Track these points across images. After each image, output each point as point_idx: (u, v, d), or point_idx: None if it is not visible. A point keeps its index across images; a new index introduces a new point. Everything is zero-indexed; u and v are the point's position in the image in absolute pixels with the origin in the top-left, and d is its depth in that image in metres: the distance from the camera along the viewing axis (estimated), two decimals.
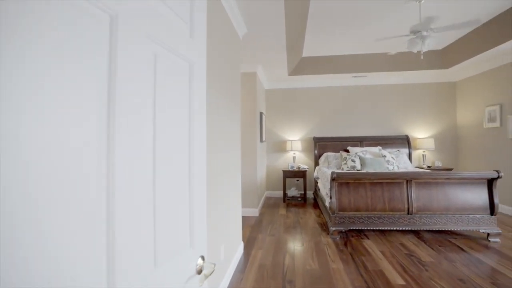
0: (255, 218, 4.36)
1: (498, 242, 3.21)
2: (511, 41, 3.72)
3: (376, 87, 5.73)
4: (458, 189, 3.28)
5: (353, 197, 3.36)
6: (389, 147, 5.47)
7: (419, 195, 3.29)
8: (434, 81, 5.64)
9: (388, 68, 5.06)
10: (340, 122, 5.79)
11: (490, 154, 4.67)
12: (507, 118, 4.31)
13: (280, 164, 5.94)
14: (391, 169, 4.60)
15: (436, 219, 3.26)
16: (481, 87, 4.87)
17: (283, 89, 5.96)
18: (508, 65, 4.28)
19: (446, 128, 5.64)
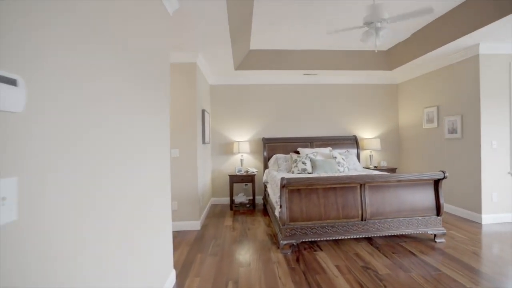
0: (196, 232, 3.72)
1: (443, 242, 3.17)
2: (447, 45, 3.81)
3: (326, 86, 5.59)
4: (409, 191, 3.15)
5: (305, 205, 2.98)
6: (339, 147, 5.37)
7: (372, 200, 3.08)
8: (380, 83, 5.74)
9: (338, 67, 4.92)
10: (291, 122, 5.50)
11: (429, 154, 4.85)
12: (443, 119, 4.48)
13: (226, 168, 5.39)
14: (342, 171, 4.42)
15: (389, 224, 3.08)
16: (420, 89, 5.05)
17: (230, 85, 5.43)
18: (444, 69, 4.45)
19: (390, 129, 5.78)
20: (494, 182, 3.88)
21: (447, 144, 4.43)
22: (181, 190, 3.80)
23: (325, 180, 2.93)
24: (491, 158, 3.87)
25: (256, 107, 5.45)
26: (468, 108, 4.03)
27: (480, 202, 3.87)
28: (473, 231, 3.56)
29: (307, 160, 4.44)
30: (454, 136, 4.25)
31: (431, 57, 4.31)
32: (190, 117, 3.85)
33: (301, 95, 5.53)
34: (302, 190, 2.99)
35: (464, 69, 4.08)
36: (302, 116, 5.52)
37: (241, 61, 4.73)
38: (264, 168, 5.19)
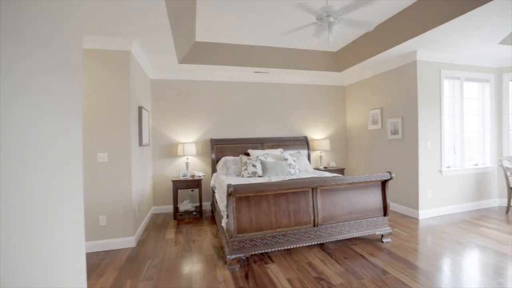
0: (130, 250, 3.16)
1: (389, 242, 3.21)
2: (389, 50, 3.94)
3: (278, 85, 5.44)
4: (358, 193, 3.11)
5: (255, 214, 2.70)
6: (291, 148, 5.26)
7: (324, 204, 2.94)
8: (329, 84, 5.82)
9: (289, 65, 4.79)
10: (241, 122, 5.21)
11: (374, 154, 5.04)
12: (386, 121, 4.67)
13: (170, 172, 4.84)
14: (293, 173, 4.28)
15: (340, 228, 2.99)
16: (366, 92, 5.23)
17: (175, 80, 4.90)
18: (387, 73, 4.65)
19: (339, 130, 5.91)
20: (429, 179, 4.15)
21: (390, 144, 4.63)
22: (111, 201, 3.19)
23: (276, 186, 2.69)
24: (426, 158, 4.13)
25: (203, 106, 5.02)
26: (408, 111, 4.24)
27: (417, 198, 4.10)
28: (412, 227, 3.72)
29: (257, 163, 4.20)
30: (396, 137, 4.45)
31: (376, 61, 4.45)
32: (122, 115, 3.27)
33: (252, 94, 5.29)
34: (251, 198, 2.70)
35: (404, 73, 4.29)
36: (253, 116, 5.27)
37: (185, 53, 4.26)
38: (212, 171, 4.80)
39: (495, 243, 3.12)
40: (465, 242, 3.16)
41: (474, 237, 3.33)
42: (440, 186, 4.24)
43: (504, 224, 3.78)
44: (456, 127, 4.44)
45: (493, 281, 2.29)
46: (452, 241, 3.19)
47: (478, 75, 4.55)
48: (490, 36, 3.56)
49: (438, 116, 4.21)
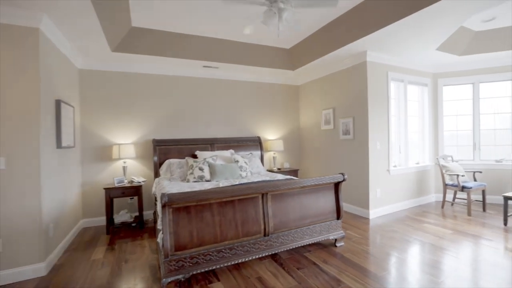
0: (38, 281, 2.50)
1: (343, 246, 3.10)
2: (341, 50, 3.89)
3: (229, 82, 5.09)
4: (311, 197, 2.92)
5: (197, 227, 2.31)
6: (243, 149, 4.95)
7: (275, 210, 2.68)
8: (283, 83, 5.66)
9: (241, 61, 4.48)
10: (188, 121, 4.73)
11: (327, 154, 5.00)
12: (338, 121, 4.66)
13: (105, 179, 4.16)
14: (244, 175, 3.98)
15: (293, 235, 2.76)
16: (319, 91, 5.18)
17: (110, 72, 4.22)
18: (339, 73, 4.63)
19: (292, 130, 5.79)
20: (378, 179, 4.21)
21: (342, 144, 4.62)
22: (8, 220, 2.48)
23: (221, 193, 2.33)
24: (376, 158, 4.18)
25: (145, 102, 4.43)
26: (359, 111, 4.26)
27: (368, 198, 4.13)
28: (364, 228, 3.70)
29: (205, 166, 3.79)
30: (347, 137, 4.44)
31: (328, 60, 4.39)
32: (28, 109, 2.58)
33: (201, 90, 4.85)
34: (191, 208, 2.30)
35: (355, 74, 4.30)
36: (202, 114, 4.84)
37: (120, 40, 3.66)
38: (155, 176, 4.25)
39: (437, 238, 3.21)
40: (412, 240, 3.20)
41: (420, 234, 3.40)
42: (388, 185, 4.34)
43: (441, 219, 4.00)
44: (401, 127, 4.61)
45: (437, 280, 2.27)
46: (401, 241, 3.21)
47: (419, 78, 4.80)
48: (429, 42, 3.71)
49: (386, 117, 4.31)
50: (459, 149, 5.04)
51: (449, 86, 5.04)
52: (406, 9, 2.93)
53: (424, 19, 3.02)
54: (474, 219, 3.95)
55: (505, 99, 4.82)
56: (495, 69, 4.76)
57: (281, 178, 3.66)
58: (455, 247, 2.98)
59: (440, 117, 5.03)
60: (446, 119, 5.08)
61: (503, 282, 2.25)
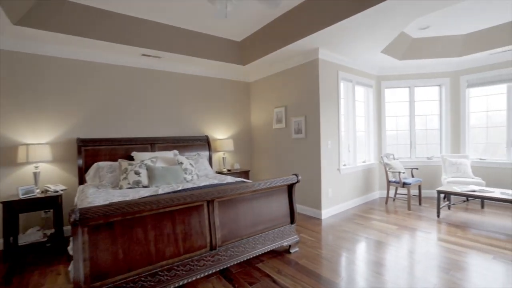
0: None
1: (297, 251, 2.91)
2: (293, 45, 3.74)
3: (173, 75, 4.56)
4: (263, 201, 2.66)
5: (124, 247, 1.83)
6: (189, 150, 4.48)
7: (223, 219, 2.33)
8: (234, 79, 5.33)
9: (186, 51, 4.01)
10: (123, 117, 4.07)
11: (278, 154, 4.83)
12: (290, 120, 4.52)
13: (8, 188, 3.27)
14: (190, 179, 3.53)
15: (244, 246, 2.45)
16: (270, 89, 4.99)
17: (13, 52, 3.34)
18: (291, 70, 4.50)
19: (243, 129, 5.50)
20: (329, 178, 4.18)
21: (294, 144, 4.49)
22: None
23: (155, 203, 1.89)
24: (327, 157, 4.14)
25: (66, 93, 3.64)
26: (311, 110, 4.17)
27: (320, 198, 4.06)
28: (317, 229, 3.59)
29: (142, 169, 3.24)
30: (300, 137, 4.33)
31: (280, 56, 4.22)
32: None
33: (140, 82, 4.23)
34: (117, 224, 1.81)
35: (307, 71, 4.20)
36: (141, 110, 4.22)
37: (26, 10, 2.89)
38: (79, 183, 3.51)
39: (384, 235, 3.25)
40: (362, 239, 3.17)
41: (369, 232, 3.42)
42: (339, 184, 4.35)
43: (386, 214, 4.14)
44: (350, 127, 4.69)
45: (387, 279, 2.21)
46: (352, 241, 3.16)
47: (365, 80, 4.96)
48: (376, 43, 3.79)
49: (337, 116, 4.31)
50: (399, 147, 5.38)
51: (390, 88, 5.34)
52: (355, 6, 2.87)
53: (372, 19, 3.01)
54: (413, 213, 4.19)
55: (434, 102, 5.30)
56: (427, 74, 5.19)
57: (231, 180, 3.32)
58: (400, 242, 3.03)
59: (383, 118, 5.30)
60: (388, 120, 5.37)
61: (442, 271, 2.29)
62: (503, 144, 4.70)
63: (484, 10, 3.51)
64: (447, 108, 5.18)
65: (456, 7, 3.43)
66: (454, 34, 4.35)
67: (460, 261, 2.61)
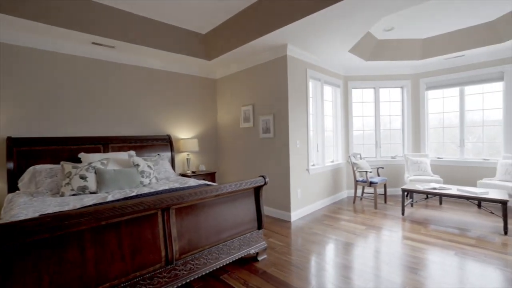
0: None
1: (265, 259, 2.72)
2: (261, 40, 3.57)
3: (131, 68, 4.12)
4: (228, 206, 2.42)
5: (51, 274, 1.48)
6: (148, 151, 4.08)
7: (182, 228, 2.06)
8: (199, 75, 5.01)
9: (144, 41, 3.63)
10: (71, 114, 3.57)
11: (246, 154, 4.62)
12: (258, 118, 4.34)
13: None
14: (148, 183, 3.18)
15: (207, 257, 2.19)
16: (238, 86, 4.77)
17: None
18: (259, 66, 4.32)
19: (209, 128, 5.20)
20: (298, 179, 4.07)
21: (262, 143, 4.31)
22: None
23: (95, 214, 1.56)
24: (296, 157, 4.02)
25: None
26: (279, 108, 4.02)
27: (289, 200, 3.92)
28: (286, 233, 3.44)
29: (89, 173, 2.82)
30: (268, 136, 4.16)
31: (247, 52, 4.01)
32: None
33: (91, 75, 3.75)
34: (42, 244, 1.45)
35: (275, 68, 4.04)
36: (92, 106, 3.75)
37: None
38: (9, 190, 2.97)
39: (353, 236, 3.20)
40: (332, 241, 3.08)
41: (338, 233, 3.35)
42: (308, 185, 4.26)
43: (354, 214, 4.14)
44: (318, 126, 4.63)
45: (356, 282, 2.11)
46: (322, 244, 3.05)
47: (333, 79, 4.96)
48: (344, 41, 3.76)
49: (305, 115, 4.22)
50: (365, 147, 5.48)
51: (357, 89, 5.41)
52: (323, 0, 2.77)
53: (339, 14, 2.93)
54: (380, 212, 4.24)
55: (397, 103, 5.48)
56: (391, 76, 5.35)
57: (193, 184, 3.04)
58: (368, 243, 2.99)
59: (350, 118, 5.35)
60: (355, 120, 5.44)
61: (406, 269, 2.26)
62: (456, 143, 4.98)
63: (442, 16, 3.64)
64: (408, 109, 5.38)
65: (417, 11, 3.50)
66: (415, 37, 4.51)
67: (424, 259, 2.62)
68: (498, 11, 3.63)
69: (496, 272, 2.35)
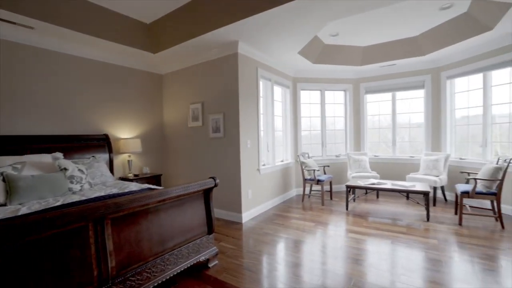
0: None
1: (217, 265, 2.58)
2: (211, 34, 3.42)
3: (58, 56, 3.53)
4: (175, 211, 2.22)
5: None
6: (81, 152, 3.56)
7: (120, 241, 1.79)
8: (143, 69, 4.59)
9: (72, 25, 3.13)
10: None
11: (195, 155, 4.39)
12: (208, 117, 4.16)
13: None
14: (78, 189, 2.75)
15: (150, 271, 1.96)
16: (186, 83, 4.50)
17: None
18: (209, 63, 4.14)
19: (154, 127, 4.81)
20: (249, 179, 4.01)
21: (212, 143, 4.14)
22: None
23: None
24: (247, 157, 3.96)
25: None
26: (229, 107, 3.91)
27: (240, 201, 3.84)
28: (237, 235, 3.35)
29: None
30: (218, 136, 4.01)
31: (197, 47, 3.80)
32: None
33: (10, 62, 3.09)
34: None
35: (226, 66, 3.92)
36: (10, 99, 3.10)
37: None
38: None
39: (304, 234, 3.28)
40: (283, 240, 3.10)
41: (288, 232, 3.39)
42: (258, 185, 4.24)
43: (303, 212, 4.27)
44: (269, 126, 4.66)
45: (309, 281, 2.15)
46: (273, 243, 3.04)
47: (283, 80, 5.05)
48: (294, 42, 3.83)
49: (256, 114, 4.19)
50: (312, 146, 5.72)
51: (305, 90, 5.61)
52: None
53: (290, 14, 2.96)
54: (327, 208, 4.45)
55: (340, 105, 5.87)
56: (335, 80, 5.69)
57: (135, 188, 2.73)
58: (316, 239, 3.09)
59: (299, 118, 5.52)
60: (304, 120, 5.64)
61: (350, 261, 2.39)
62: (389, 143, 5.55)
63: (377, 28, 3.99)
64: (350, 111, 5.79)
65: (358, 21, 3.76)
66: (356, 45, 4.86)
67: (366, 250, 2.81)
68: (421, 28, 4.13)
69: (421, 253, 2.68)
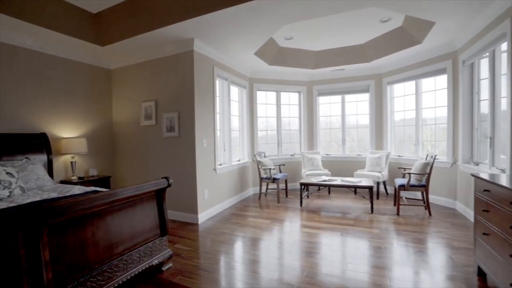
0: None
1: (171, 268, 2.50)
2: (165, 30, 3.30)
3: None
4: (124, 215, 2.10)
5: None
6: (12, 153, 3.13)
7: (59, 250, 1.63)
8: (90, 63, 4.21)
9: (14, 12, 2.75)
10: None
11: (148, 155, 4.18)
12: (162, 116, 4.00)
13: None
14: (6, 195, 2.41)
15: (96, 279, 1.82)
16: (138, 79, 4.26)
17: None
18: (163, 59, 3.97)
19: (102, 126, 4.45)
20: (205, 179, 3.96)
21: (166, 143, 3.99)
22: None
23: None
24: (203, 157, 3.91)
25: None
26: (184, 106, 3.81)
27: (196, 201, 3.77)
28: (193, 236, 3.29)
29: None
30: (172, 135, 3.88)
31: (150, 42, 3.63)
32: None
33: None
34: None
35: (181, 63, 3.81)
36: None
37: None
38: None
39: (261, 231, 3.35)
40: (240, 239, 3.13)
41: (246, 230, 3.44)
42: (215, 184, 4.21)
43: (260, 210, 4.36)
44: (225, 125, 4.65)
45: (268, 277, 2.21)
46: (231, 242, 3.05)
47: (240, 80, 5.08)
48: (251, 42, 3.89)
49: (212, 113, 4.15)
50: (268, 146, 5.87)
51: (261, 91, 5.73)
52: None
53: (248, 15, 3.01)
54: (282, 205, 4.61)
55: (295, 106, 6.13)
56: (290, 81, 5.92)
57: (78, 192, 2.50)
58: (272, 236, 3.19)
59: (255, 118, 5.62)
60: (260, 120, 5.75)
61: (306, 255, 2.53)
62: (339, 142, 5.97)
63: (328, 34, 4.27)
64: (304, 112, 6.08)
65: (310, 27, 3.98)
66: (310, 49, 5.12)
67: (319, 243, 2.98)
68: (366, 37, 4.53)
69: (366, 243, 2.94)
